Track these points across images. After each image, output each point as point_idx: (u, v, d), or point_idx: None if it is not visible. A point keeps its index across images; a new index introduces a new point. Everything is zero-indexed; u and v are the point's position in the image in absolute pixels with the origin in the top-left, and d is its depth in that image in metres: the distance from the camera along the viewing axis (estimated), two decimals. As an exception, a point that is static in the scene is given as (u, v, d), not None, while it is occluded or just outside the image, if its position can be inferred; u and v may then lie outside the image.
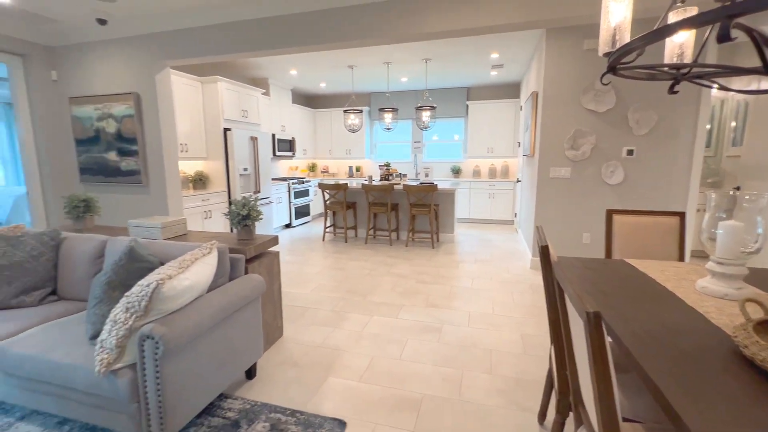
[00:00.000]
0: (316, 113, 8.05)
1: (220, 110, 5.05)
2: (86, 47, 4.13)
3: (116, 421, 1.56)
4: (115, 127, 4.15)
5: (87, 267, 2.21)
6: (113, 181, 4.27)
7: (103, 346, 1.48)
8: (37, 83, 4.19)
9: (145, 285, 1.48)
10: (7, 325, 1.85)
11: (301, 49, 3.41)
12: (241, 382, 2.10)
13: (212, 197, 4.98)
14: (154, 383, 1.47)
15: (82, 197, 2.86)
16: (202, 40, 3.63)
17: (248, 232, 2.43)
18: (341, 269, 4.25)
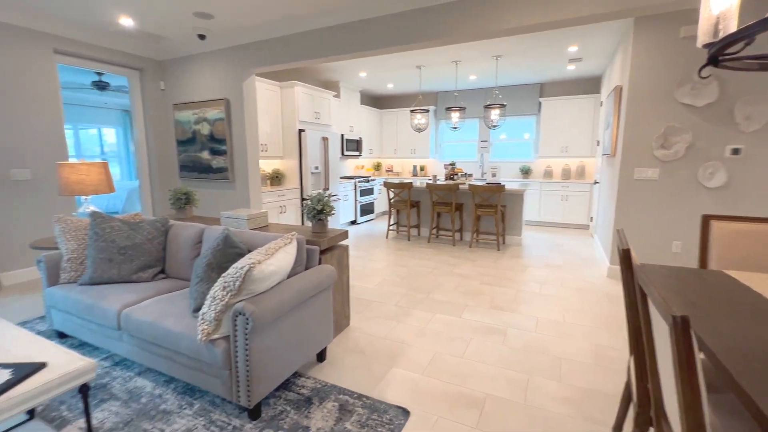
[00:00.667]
0: (383, 113, 8.24)
1: (296, 113, 5.43)
2: (187, 60, 4.71)
3: (212, 384, 1.80)
4: (209, 130, 4.68)
5: (188, 251, 2.55)
6: (205, 177, 4.82)
7: (204, 319, 1.72)
8: (149, 92, 4.89)
9: (239, 267, 1.69)
10: (130, 296, 2.22)
11: (376, 52, 3.54)
12: (312, 363, 2.28)
13: (287, 193, 5.37)
14: (243, 354, 1.67)
15: (184, 190, 3.29)
16: (284, 48, 3.95)
17: (322, 226, 2.61)
18: (404, 266, 4.33)
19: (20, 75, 3.68)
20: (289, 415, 1.81)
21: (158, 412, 1.83)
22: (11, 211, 3.66)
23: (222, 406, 1.88)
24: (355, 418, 1.79)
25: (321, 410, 1.84)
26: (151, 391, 2.00)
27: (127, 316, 2.04)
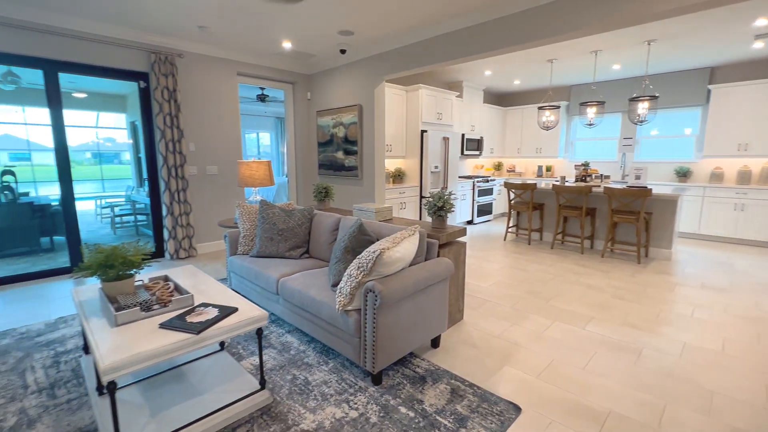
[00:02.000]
0: (507, 111, 7.94)
1: (419, 114, 5.70)
2: (329, 72, 5.41)
3: (344, 348, 2.13)
4: (344, 133, 5.30)
5: (327, 235, 3.01)
6: (339, 174, 5.48)
7: (341, 292, 2.06)
8: (298, 102, 5.79)
9: (372, 251, 1.97)
10: (285, 268, 2.75)
11: (506, 50, 3.51)
12: (426, 348, 2.46)
13: (407, 191, 5.70)
14: (371, 326, 1.94)
15: (324, 185, 3.85)
16: (413, 55, 4.22)
17: (441, 222, 2.77)
18: (522, 270, 4.18)
19: (214, 93, 4.81)
20: (405, 388, 2.02)
21: (303, 363, 2.26)
22: (206, 197, 4.84)
23: (350, 368, 2.20)
24: (465, 402, 1.89)
25: (434, 389, 2.00)
26: (297, 346, 2.46)
27: (283, 283, 2.55)
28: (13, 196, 5.58)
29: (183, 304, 1.87)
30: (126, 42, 4.04)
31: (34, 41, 3.58)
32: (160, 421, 1.67)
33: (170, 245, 4.49)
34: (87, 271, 1.86)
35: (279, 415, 1.81)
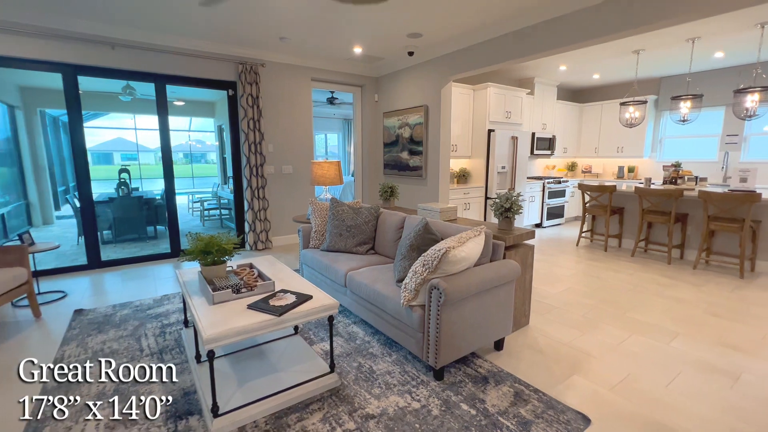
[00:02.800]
0: (583, 108, 7.42)
1: (487, 113, 5.58)
2: (396, 75, 5.53)
3: (407, 342, 2.21)
4: (409, 133, 5.38)
5: (392, 233, 3.12)
6: (403, 174, 5.58)
7: (406, 288, 2.14)
8: (366, 104, 6.00)
9: (437, 249, 2.02)
10: (353, 263, 2.91)
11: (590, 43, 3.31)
12: (489, 350, 2.44)
13: (472, 191, 5.62)
14: (435, 322, 2.00)
15: (390, 185, 3.97)
16: (483, 53, 4.16)
17: (508, 223, 2.72)
18: (596, 277, 3.91)
19: (290, 99, 5.19)
20: (467, 386, 2.04)
21: (368, 353, 2.39)
22: (281, 194, 5.25)
23: (413, 362, 2.28)
24: (530, 407, 1.86)
25: (496, 390, 1.99)
26: (362, 337, 2.60)
27: (351, 277, 2.70)
28: (127, 191, 6.57)
29: (266, 290, 2.10)
30: (219, 56, 4.55)
31: (147, 59, 4.20)
32: (246, 390, 1.90)
33: (250, 237, 4.96)
34: (190, 256, 2.17)
35: (346, 397, 1.94)
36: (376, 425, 1.73)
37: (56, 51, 3.77)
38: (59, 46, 3.77)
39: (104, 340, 2.55)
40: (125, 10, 3.47)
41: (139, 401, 1.89)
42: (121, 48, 4.03)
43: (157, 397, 1.93)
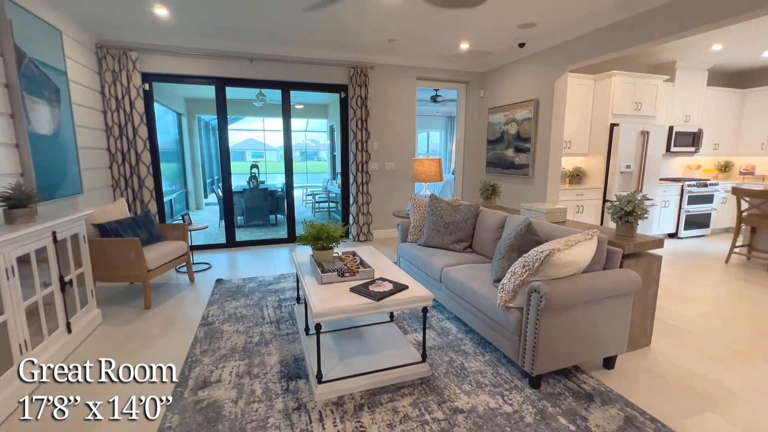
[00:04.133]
0: (746, 95, 6.01)
1: (610, 105, 4.95)
2: (503, 68, 5.29)
3: (502, 344, 2.14)
4: (516, 129, 5.11)
5: (492, 233, 3.03)
6: (507, 172, 5.32)
7: (503, 288, 2.07)
8: (470, 100, 5.88)
9: (539, 251, 1.92)
10: (449, 259, 2.93)
11: (749, 15, 2.72)
12: (597, 366, 2.21)
13: (586, 193, 5.07)
14: (533, 326, 1.90)
15: (491, 183, 3.84)
16: (607, 37, 3.71)
17: (628, 229, 2.40)
18: (752, 302, 3.18)
19: (395, 98, 5.39)
20: (567, 399, 1.89)
21: (460, 349, 2.39)
22: (383, 190, 5.51)
23: (507, 365, 2.20)
24: (644, 436, 1.64)
25: (603, 411, 1.81)
26: (455, 333, 2.60)
27: (446, 273, 2.72)
28: (256, 184, 7.64)
29: (367, 276, 2.26)
30: (333, 61, 4.98)
31: (276, 69, 4.83)
32: (345, 365, 2.09)
33: (353, 229, 5.33)
34: (304, 241, 2.47)
35: (436, 388, 1.98)
36: (465, 420, 1.74)
37: (210, 67, 4.60)
38: (213, 64, 4.60)
39: (236, 306, 3.06)
40: (261, 29, 4.06)
41: (261, 361, 2.23)
42: (257, 61, 4.72)
43: (274, 359, 2.25)
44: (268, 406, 1.83)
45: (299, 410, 1.81)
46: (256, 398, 1.90)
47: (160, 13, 3.61)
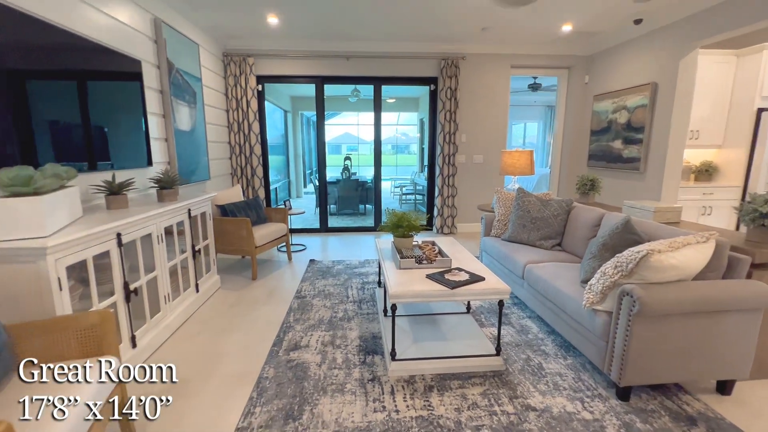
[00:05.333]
0: None
1: (758, 86, 4.07)
2: (613, 50, 4.71)
3: (586, 347, 2.00)
4: (626, 118, 4.53)
5: (585, 230, 2.79)
6: (612, 166, 4.77)
7: (591, 290, 1.92)
8: (573, 88, 5.38)
9: (635, 251, 1.74)
10: (533, 256, 2.80)
11: None
12: (707, 389, 1.92)
13: (717, 192, 4.28)
14: (623, 333, 1.74)
15: (591, 177, 3.51)
16: (753, 2, 3.07)
17: (762, 234, 2.01)
18: None
19: (487, 88, 5.22)
20: (662, 419, 1.69)
21: (539, 349, 2.29)
22: (469, 183, 5.42)
23: (591, 371, 2.05)
24: (760, 475, 1.40)
25: (707, 438, 1.58)
26: (536, 333, 2.49)
27: (530, 269, 2.61)
28: (348, 175, 8.14)
29: (443, 265, 2.31)
30: (424, 54, 5.02)
31: (369, 65, 5.06)
32: (418, 347, 2.18)
33: (437, 221, 5.36)
34: (386, 228, 2.61)
35: (508, 383, 1.95)
36: (536, 418, 1.69)
37: (312, 67, 5.04)
38: (314, 63, 5.03)
39: (325, 285, 3.37)
40: (357, 28, 4.31)
41: (343, 334, 2.46)
42: (353, 59, 5.01)
43: (354, 334, 2.46)
44: (347, 374, 2.03)
45: (373, 381, 1.96)
46: (336, 365, 2.11)
47: (272, 21, 4.09)
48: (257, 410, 1.75)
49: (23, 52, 1.92)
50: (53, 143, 2.10)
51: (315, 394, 1.86)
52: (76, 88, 2.32)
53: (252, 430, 1.63)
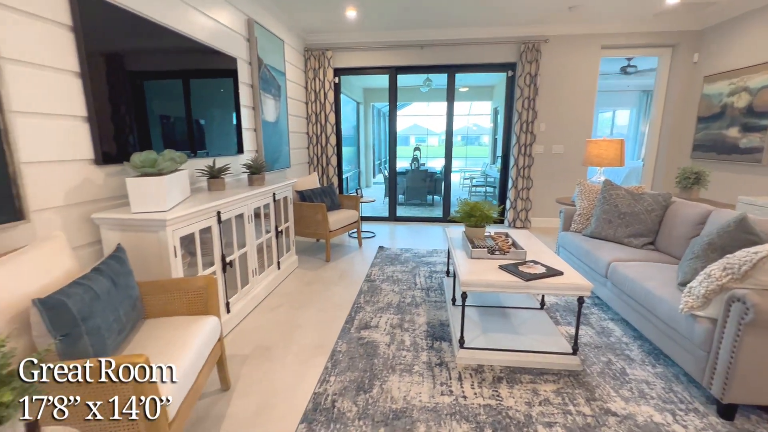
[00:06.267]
0: None
1: None
2: (733, 22, 4.02)
3: (680, 356, 1.80)
4: (747, 101, 3.88)
5: (685, 228, 2.48)
6: (724, 158, 4.13)
7: (691, 293, 1.72)
8: (677, 69, 4.73)
9: (752, 252, 1.51)
10: (620, 254, 2.56)
11: None
12: (841, 421, 1.61)
13: None
14: (730, 343, 1.53)
15: (695, 170, 3.10)
16: None
17: None
18: None
19: (572, 73, 4.82)
20: (776, 445, 1.47)
21: (622, 353, 2.11)
22: (547, 175, 5.09)
23: (686, 383, 1.84)
24: None
25: (838, 475, 1.34)
26: (619, 336, 2.30)
27: (614, 268, 2.41)
28: (417, 165, 8.16)
29: (518, 257, 2.23)
30: (502, 39, 4.80)
31: (443, 53, 4.98)
32: (487, 338, 2.15)
33: (510, 214, 5.15)
34: (458, 217, 2.59)
35: (586, 384, 1.84)
36: (617, 423, 1.58)
37: (386, 58, 5.11)
38: (387, 54, 5.09)
39: (393, 270, 3.46)
40: (432, 15, 4.26)
41: (411, 319, 2.52)
42: (426, 47, 4.98)
43: (422, 320, 2.50)
44: (414, 356, 2.08)
45: (441, 366, 1.99)
46: (404, 347, 2.17)
47: (350, 15, 4.22)
48: (331, 379, 1.89)
49: (144, 55, 2.25)
50: (162, 134, 2.43)
51: (384, 371, 1.94)
52: (181, 86, 2.65)
53: (327, 396, 1.77)
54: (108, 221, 1.81)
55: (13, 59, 1.52)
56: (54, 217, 1.71)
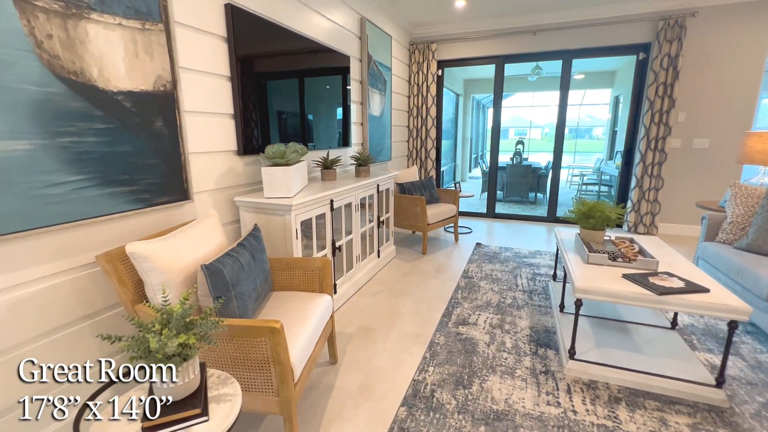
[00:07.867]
0: None
1: None
2: None
3: None
4: None
5: None
6: None
7: None
8: None
9: None
10: (791, 273, 2.06)
11: None
12: None
13: None
14: None
15: None
16: None
17: None
18: None
19: (729, 52, 3.97)
20: None
21: (788, 397, 1.71)
22: (684, 174, 4.33)
23: None
24: None
25: None
26: (783, 374, 1.87)
27: (782, 290, 1.95)
28: (519, 160, 7.68)
29: (647, 266, 1.96)
30: (632, 17, 4.18)
31: (558, 38, 4.55)
32: (602, 353, 1.94)
33: (631, 217, 4.53)
34: (572, 217, 2.37)
35: (732, 424, 1.54)
36: (781, 480, 1.29)
37: (493, 47, 4.88)
38: (495, 43, 4.85)
39: (492, 269, 3.34)
40: (552, -4, 3.92)
41: (512, 321, 2.41)
42: (539, 33, 4.61)
43: (524, 323, 2.37)
44: (517, 360, 1.99)
45: (546, 374, 1.86)
46: (505, 349, 2.09)
47: (458, 5, 4.13)
48: (430, 369, 1.92)
49: (270, 57, 2.52)
50: (279, 128, 2.70)
51: (483, 370, 1.90)
52: (297, 84, 2.90)
53: (426, 384, 1.80)
54: (245, 204, 2.11)
55: (187, 68, 1.85)
56: (207, 199, 2.05)
